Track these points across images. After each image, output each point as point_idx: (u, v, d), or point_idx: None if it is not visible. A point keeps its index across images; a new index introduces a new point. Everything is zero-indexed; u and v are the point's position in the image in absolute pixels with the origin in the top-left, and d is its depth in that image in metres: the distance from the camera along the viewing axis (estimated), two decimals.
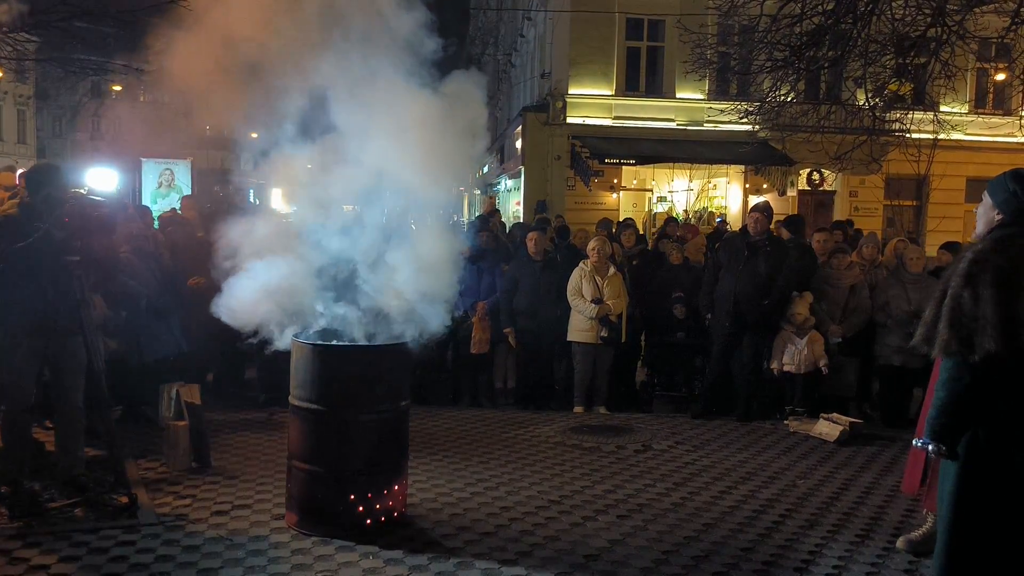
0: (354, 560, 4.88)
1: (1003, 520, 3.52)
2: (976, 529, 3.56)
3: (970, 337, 3.42)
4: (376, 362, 5.40)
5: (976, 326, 3.40)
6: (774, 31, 11.41)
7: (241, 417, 8.14)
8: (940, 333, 3.50)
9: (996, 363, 3.39)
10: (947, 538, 3.62)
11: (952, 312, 3.48)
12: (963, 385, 3.49)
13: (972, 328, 3.41)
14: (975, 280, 3.45)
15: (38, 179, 5.59)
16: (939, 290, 3.61)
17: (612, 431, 8.23)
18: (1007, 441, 3.49)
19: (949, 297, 3.51)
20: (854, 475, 7.03)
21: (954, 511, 3.59)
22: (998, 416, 3.50)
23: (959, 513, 3.58)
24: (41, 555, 4.78)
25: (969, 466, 3.55)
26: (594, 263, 8.96)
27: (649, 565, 4.99)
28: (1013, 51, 11.78)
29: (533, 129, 23.05)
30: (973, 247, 3.63)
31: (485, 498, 6.11)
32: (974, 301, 3.43)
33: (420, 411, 8.22)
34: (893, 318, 8.57)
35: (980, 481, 3.54)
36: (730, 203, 23.99)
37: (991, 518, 3.53)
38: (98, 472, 5.98)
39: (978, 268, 3.47)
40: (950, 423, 3.56)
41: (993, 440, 3.51)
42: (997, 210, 3.68)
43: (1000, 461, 3.50)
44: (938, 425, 3.58)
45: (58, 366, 5.69)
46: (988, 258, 3.48)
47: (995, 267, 3.44)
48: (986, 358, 3.38)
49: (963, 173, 22.82)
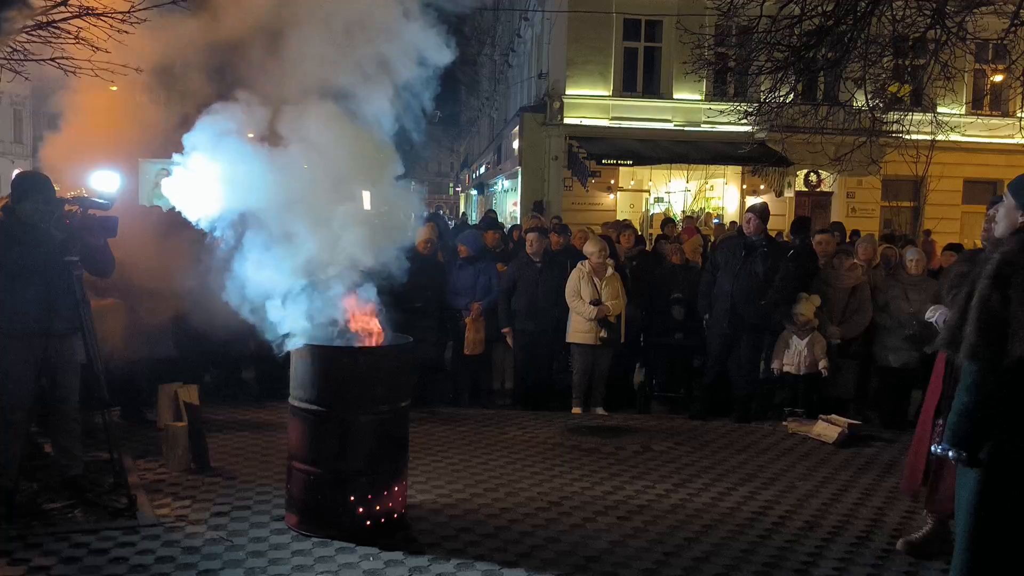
0: (354, 561, 4.87)
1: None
2: (998, 539, 3.45)
3: (1000, 341, 3.30)
4: (376, 363, 5.39)
5: (1009, 330, 3.28)
6: (774, 31, 11.41)
7: (240, 418, 8.13)
8: (967, 336, 3.38)
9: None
10: (967, 547, 3.52)
11: (981, 315, 3.35)
12: (989, 390, 3.38)
13: (1003, 332, 3.30)
14: (1006, 282, 3.32)
15: (24, 188, 5.57)
16: (962, 292, 3.48)
17: (611, 432, 8.23)
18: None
19: (977, 299, 3.38)
20: (853, 477, 7.03)
21: (975, 520, 3.48)
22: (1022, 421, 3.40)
23: (981, 522, 3.47)
24: (41, 556, 4.76)
25: (992, 474, 3.43)
26: (593, 264, 8.96)
27: (650, 567, 4.98)
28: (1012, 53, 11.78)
29: (530, 129, 23.06)
30: (999, 248, 3.50)
31: (485, 499, 6.10)
32: (1004, 304, 3.31)
33: (420, 412, 8.22)
34: (893, 319, 8.58)
35: (1004, 490, 3.43)
36: (727, 204, 24.01)
37: (1014, 528, 3.43)
38: (97, 473, 5.97)
39: (1010, 270, 3.34)
40: (973, 429, 3.43)
41: (1017, 448, 3.41)
42: (1021, 211, 3.56)
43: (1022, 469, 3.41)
44: (961, 431, 3.45)
45: (56, 366, 5.67)
46: (1019, 260, 3.37)
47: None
48: (1016, 363, 3.28)
49: (960, 175, 22.88)
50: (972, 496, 3.50)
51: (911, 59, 12.42)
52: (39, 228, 5.49)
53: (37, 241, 5.44)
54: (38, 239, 5.45)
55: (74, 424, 5.83)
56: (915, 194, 23.36)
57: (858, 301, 8.86)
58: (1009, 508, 3.43)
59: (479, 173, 38.11)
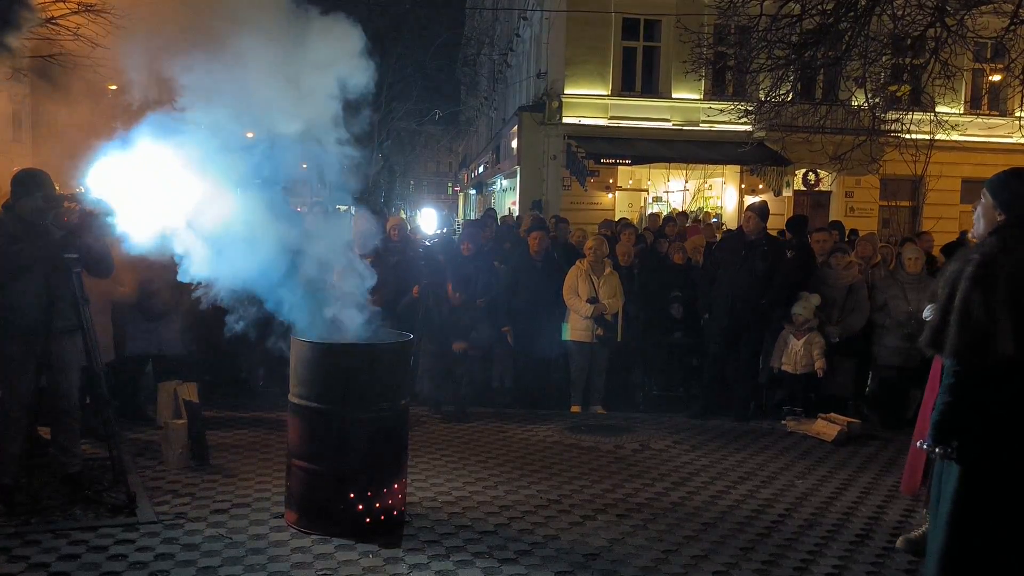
0: (354, 559, 4.87)
1: (1004, 524, 3.48)
2: (977, 532, 3.51)
3: (981, 341, 3.36)
4: (376, 360, 5.39)
5: (991, 329, 3.34)
6: (774, 30, 11.42)
7: (239, 415, 8.12)
8: (950, 336, 3.43)
9: (1006, 366, 3.35)
10: (945, 539, 3.57)
11: (962, 315, 3.40)
12: (970, 388, 3.44)
13: (984, 331, 3.35)
14: (985, 282, 3.38)
15: (23, 185, 5.56)
16: (944, 292, 3.53)
17: (610, 430, 8.23)
18: (1011, 445, 3.45)
19: (959, 300, 3.43)
20: (852, 475, 7.03)
21: (954, 513, 3.54)
22: (1003, 419, 3.45)
23: (960, 515, 3.53)
24: (40, 553, 4.76)
25: (973, 470, 3.49)
26: (590, 262, 8.96)
27: (649, 564, 4.98)
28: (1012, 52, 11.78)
29: (529, 129, 23.04)
30: (979, 248, 3.56)
31: (484, 497, 6.10)
32: (984, 304, 3.36)
33: (419, 410, 8.23)
34: (892, 319, 8.58)
35: (983, 485, 3.49)
36: (726, 203, 24.00)
37: (992, 522, 3.48)
38: (96, 471, 5.98)
39: (988, 270, 3.40)
40: (955, 426, 3.50)
41: (997, 444, 3.46)
42: (999, 210, 3.62)
43: (1004, 466, 3.46)
44: (943, 427, 3.52)
45: (56, 364, 5.66)
46: (997, 260, 3.42)
47: (1004, 269, 3.39)
48: (1005, 362, 3.33)
49: (959, 174, 22.84)
50: (953, 491, 3.55)
51: (911, 57, 12.41)
52: (39, 225, 5.49)
53: (37, 238, 5.44)
54: (38, 236, 5.45)
55: (74, 421, 5.83)
56: (914, 193, 23.35)
57: (855, 300, 8.86)
58: (988, 503, 3.48)
59: (478, 173, 38.10)
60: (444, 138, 48.10)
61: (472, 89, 40.85)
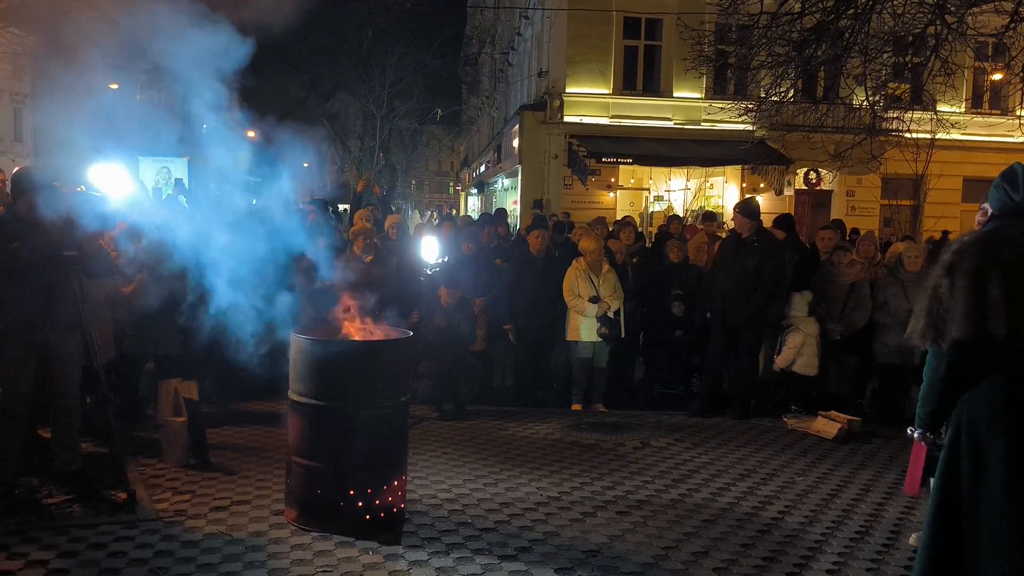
0: (354, 555, 4.87)
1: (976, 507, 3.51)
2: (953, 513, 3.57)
3: (942, 325, 3.52)
4: (376, 357, 5.39)
5: (948, 315, 3.49)
6: (774, 28, 11.41)
7: (239, 412, 8.12)
8: (916, 322, 3.62)
9: (970, 350, 3.45)
10: (928, 521, 3.66)
11: (930, 302, 3.58)
12: (940, 373, 3.60)
13: (944, 316, 3.51)
14: (953, 270, 3.53)
15: (23, 184, 5.57)
16: (929, 284, 3.68)
17: (610, 428, 8.23)
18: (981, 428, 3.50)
19: (930, 287, 3.61)
20: (852, 472, 7.03)
21: (935, 496, 3.64)
22: (974, 403, 3.54)
23: (939, 498, 3.61)
24: (40, 550, 4.76)
25: (949, 453, 3.60)
26: (589, 262, 8.95)
27: (649, 561, 4.98)
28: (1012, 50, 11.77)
29: (530, 128, 23.03)
30: (959, 239, 3.72)
31: (484, 494, 6.10)
32: (950, 291, 3.51)
33: (419, 407, 8.23)
34: (892, 317, 8.57)
35: (957, 468, 3.57)
36: (727, 202, 23.95)
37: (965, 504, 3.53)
38: (96, 468, 5.98)
39: (957, 258, 3.55)
40: (933, 410, 3.69)
41: (969, 427, 3.54)
42: (989, 206, 3.80)
43: (975, 448, 3.52)
44: (923, 413, 3.76)
45: (55, 361, 5.67)
46: (968, 248, 3.56)
47: (972, 256, 3.52)
48: (956, 345, 3.47)
49: (960, 173, 22.84)
50: (937, 474, 3.67)
51: (911, 55, 12.40)
52: (38, 224, 5.49)
53: (36, 237, 5.44)
54: (37, 235, 5.46)
55: (74, 419, 5.83)
56: (915, 192, 23.34)
57: (857, 298, 8.85)
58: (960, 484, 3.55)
59: (479, 172, 38.09)
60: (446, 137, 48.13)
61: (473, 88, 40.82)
